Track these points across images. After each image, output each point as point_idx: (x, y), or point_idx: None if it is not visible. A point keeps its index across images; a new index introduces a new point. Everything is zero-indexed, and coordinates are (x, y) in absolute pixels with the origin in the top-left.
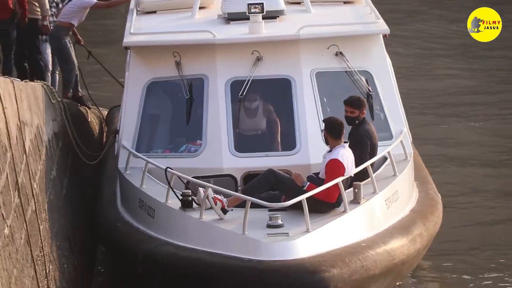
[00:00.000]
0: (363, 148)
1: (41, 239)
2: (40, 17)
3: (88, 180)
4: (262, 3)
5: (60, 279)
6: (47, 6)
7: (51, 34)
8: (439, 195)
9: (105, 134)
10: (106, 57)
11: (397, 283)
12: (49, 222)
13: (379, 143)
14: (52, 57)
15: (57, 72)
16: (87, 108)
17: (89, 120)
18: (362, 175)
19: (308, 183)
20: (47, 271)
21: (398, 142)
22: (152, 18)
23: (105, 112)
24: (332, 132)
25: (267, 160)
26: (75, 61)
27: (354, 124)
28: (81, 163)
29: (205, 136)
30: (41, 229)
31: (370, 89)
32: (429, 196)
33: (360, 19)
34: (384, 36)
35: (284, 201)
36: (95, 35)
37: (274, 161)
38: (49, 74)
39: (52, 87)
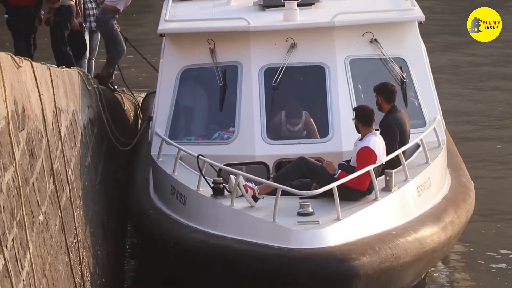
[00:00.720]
0: (392, 136)
1: (75, 226)
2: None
3: (122, 166)
4: None
5: (94, 265)
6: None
7: (98, 18)
8: (472, 182)
9: (140, 120)
10: (145, 36)
11: (428, 270)
12: (83, 208)
13: (413, 130)
14: (89, 43)
15: (93, 59)
16: (122, 95)
17: (125, 106)
18: (394, 163)
19: (340, 170)
20: (81, 258)
21: (431, 129)
22: (187, 5)
23: (140, 99)
24: (362, 119)
25: (300, 148)
26: (124, 45)
27: (383, 110)
28: (116, 149)
29: (238, 123)
30: (75, 216)
31: (404, 76)
32: (462, 183)
33: (395, 5)
34: (420, 23)
35: (315, 188)
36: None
37: (307, 149)
38: (86, 61)
39: (88, 74)
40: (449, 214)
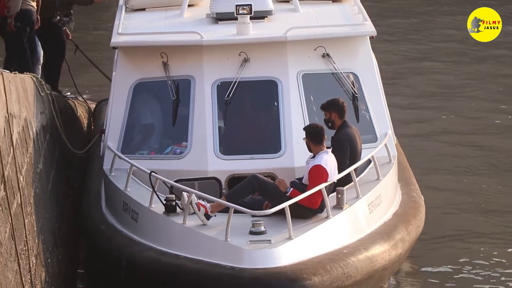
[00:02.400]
0: (343, 151)
1: (25, 233)
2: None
3: (75, 173)
4: (251, 5)
5: (44, 273)
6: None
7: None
8: (422, 196)
9: (92, 127)
10: (97, 46)
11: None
12: (34, 216)
13: (364, 145)
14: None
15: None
16: (75, 102)
17: (78, 113)
18: (345, 179)
19: (291, 189)
20: (31, 265)
21: (382, 146)
22: (140, 16)
23: (93, 106)
24: (312, 138)
25: (252, 163)
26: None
27: (333, 127)
28: (68, 156)
29: (190, 138)
30: (26, 223)
31: (356, 91)
32: (412, 198)
33: (347, 20)
34: (371, 37)
35: (267, 207)
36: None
37: (259, 164)
38: (40, 67)
39: (42, 80)
40: (399, 231)
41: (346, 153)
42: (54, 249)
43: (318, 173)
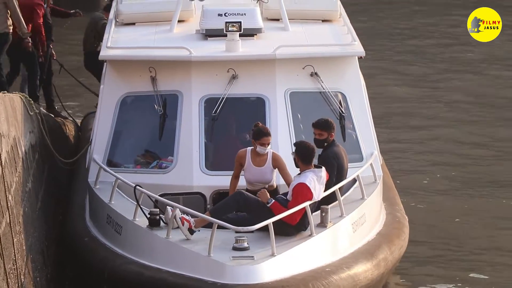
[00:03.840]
0: (330, 169)
1: (14, 252)
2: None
3: (63, 191)
4: (240, 22)
5: None
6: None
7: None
8: (406, 217)
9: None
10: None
11: None
12: (23, 234)
13: (350, 164)
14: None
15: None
16: (63, 119)
17: (67, 132)
18: (330, 198)
19: (273, 200)
20: (19, 285)
21: (367, 165)
22: (130, 31)
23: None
24: (303, 157)
25: None
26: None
27: (323, 146)
28: (57, 174)
29: (176, 153)
30: (15, 242)
31: (343, 110)
32: (396, 218)
33: (336, 39)
34: (360, 58)
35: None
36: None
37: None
38: (27, 86)
39: (30, 99)
40: (382, 251)
41: (333, 171)
42: (43, 268)
43: (301, 191)
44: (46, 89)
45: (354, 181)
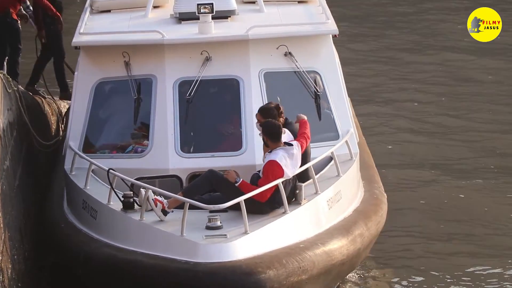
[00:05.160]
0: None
1: None
2: None
3: (42, 170)
4: (212, 4)
5: (10, 270)
6: None
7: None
8: (385, 194)
9: (61, 127)
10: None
11: (338, 283)
12: (1, 212)
13: (326, 143)
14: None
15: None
16: (42, 98)
17: (45, 110)
18: (305, 175)
19: (241, 179)
20: None
21: (342, 142)
22: (105, 18)
23: (63, 104)
24: (270, 135)
25: (213, 161)
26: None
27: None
28: (35, 153)
29: (151, 137)
30: None
31: (318, 89)
32: (374, 195)
33: (310, 19)
34: (334, 36)
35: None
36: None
37: (220, 162)
38: (5, 63)
39: (8, 76)
40: (358, 227)
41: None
42: (20, 246)
43: (271, 168)
44: (58, 72)
45: (330, 159)
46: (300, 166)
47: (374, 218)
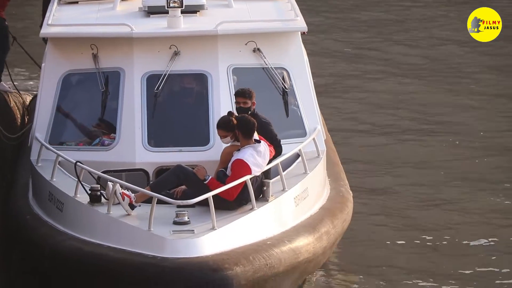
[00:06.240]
0: (272, 132)
1: None
2: None
3: (8, 164)
4: None
5: None
6: None
7: None
8: (351, 192)
9: (26, 119)
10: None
11: (303, 280)
12: None
13: (293, 140)
14: None
15: None
16: (8, 93)
17: (11, 104)
18: (273, 172)
19: (210, 176)
20: None
21: (310, 139)
22: (73, 9)
23: (28, 97)
24: (244, 131)
25: (180, 155)
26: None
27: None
28: (2, 146)
29: (119, 130)
30: None
31: (285, 85)
32: (340, 193)
33: (279, 15)
34: (303, 33)
35: (179, 193)
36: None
37: (187, 156)
38: None
39: None
40: (325, 224)
41: (275, 133)
42: None
43: (239, 167)
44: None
45: (297, 156)
46: (267, 164)
47: (340, 216)
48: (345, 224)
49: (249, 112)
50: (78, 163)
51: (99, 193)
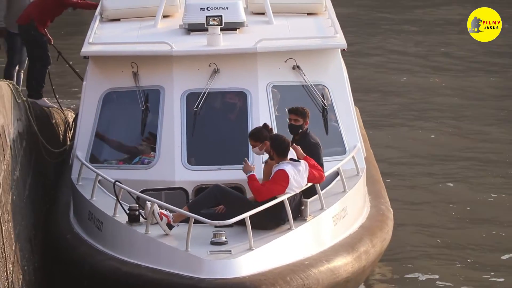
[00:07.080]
0: (318, 156)
1: (2, 241)
2: None
3: (51, 181)
4: (221, 16)
5: (21, 281)
6: None
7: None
8: (391, 210)
9: (68, 137)
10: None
11: None
12: (12, 223)
13: (333, 157)
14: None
15: (22, 71)
16: (51, 109)
17: (53, 120)
18: (311, 191)
19: (252, 172)
20: (8, 273)
21: (349, 158)
22: (114, 27)
23: (71, 114)
24: (278, 151)
25: (219, 174)
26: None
27: (297, 133)
28: (45, 163)
29: (158, 148)
30: (3, 230)
31: (325, 103)
32: (380, 211)
33: (318, 32)
34: (343, 50)
35: (220, 210)
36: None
37: (227, 175)
38: (15, 73)
39: (18, 86)
40: (364, 244)
41: (321, 157)
42: (30, 257)
43: (279, 175)
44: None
45: (336, 174)
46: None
47: (379, 235)
48: (385, 243)
49: (300, 130)
50: (116, 183)
51: (137, 212)
